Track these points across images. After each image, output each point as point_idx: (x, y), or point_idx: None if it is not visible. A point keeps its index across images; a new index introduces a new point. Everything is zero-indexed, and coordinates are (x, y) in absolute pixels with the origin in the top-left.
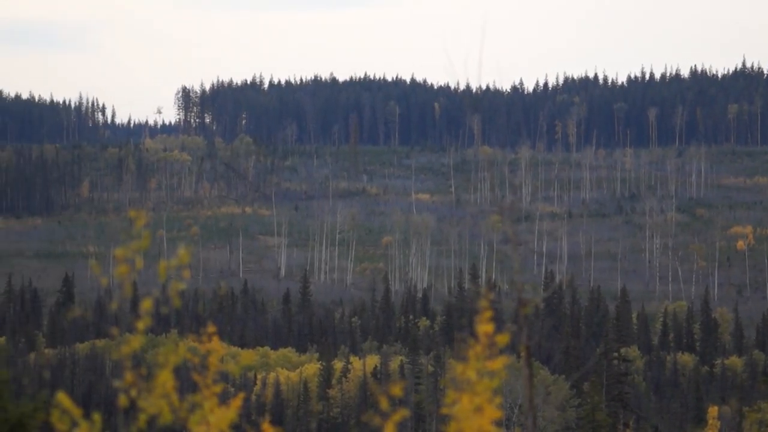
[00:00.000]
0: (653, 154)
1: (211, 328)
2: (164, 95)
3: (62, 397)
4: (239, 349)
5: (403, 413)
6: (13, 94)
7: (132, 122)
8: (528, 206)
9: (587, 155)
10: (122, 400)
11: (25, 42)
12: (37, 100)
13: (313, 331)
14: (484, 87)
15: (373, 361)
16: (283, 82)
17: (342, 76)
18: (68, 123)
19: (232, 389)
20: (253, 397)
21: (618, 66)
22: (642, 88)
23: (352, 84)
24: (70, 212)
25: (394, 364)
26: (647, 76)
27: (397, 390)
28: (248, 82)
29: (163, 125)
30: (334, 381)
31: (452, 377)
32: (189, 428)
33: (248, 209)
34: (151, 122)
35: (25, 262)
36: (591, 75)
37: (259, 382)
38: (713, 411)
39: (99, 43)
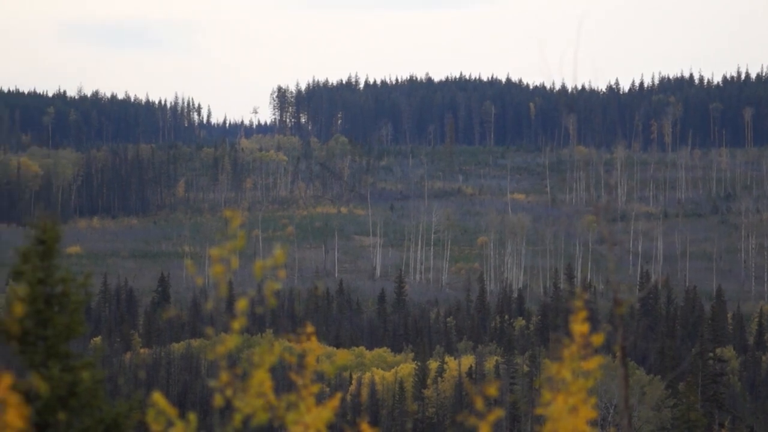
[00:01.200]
0: (749, 154)
1: (306, 328)
2: (260, 95)
3: (158, 397)
4: (335, 349)
5: (498, 413)
6: (109, 95)
7: (227, 122)
8: (623, 206)
9: (683, 155)
10: (218, 400)
11: (121, 43)
12: (133, 100)
13: (408, 331)
14: (579, 87)
15: (468, 361)
16: (378, 82)
17: (437, 76)
18: (164, 123)
19: (328, 389)
20: (349, 397)
21: (714, 66)
22: (737, 88)
23: (448, 84)
24: (165, 212)
25: (489, 364)
26: (743, 76)
27: (492, 390)
28: (344, 82)
29: (259, 125)
30: (429, 381)
31: (547, 377)
32: (286, 427)
33: (344, 209)
34: (246, 122)
35: (120, 262)
36: (687, 75)
37: (354, 382)
38: None
39: (195, 43)
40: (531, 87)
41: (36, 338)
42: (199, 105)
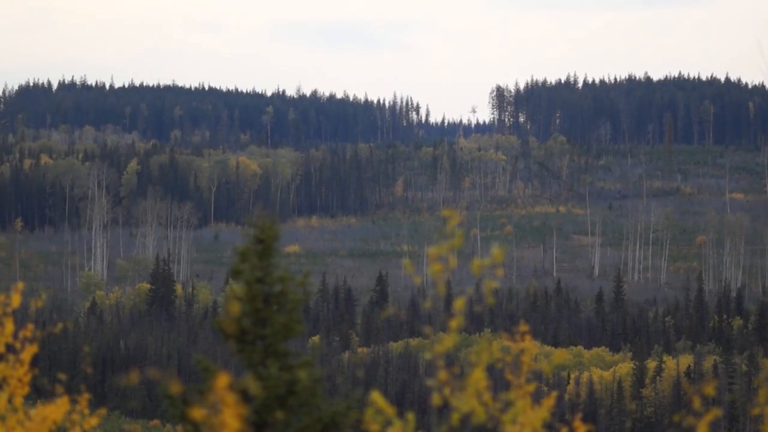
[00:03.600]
0: None
1: (523, 327)
2: (479, 94)
3: (376, 396)
4: (552, 348)
5: (716, 413)
6: (327, 94)
7: (446, 121)
8: None
9: None
10: (435, 399)
11: (339, 42)
12: (351, 99)
13: (627, 331)
14: None
15: (686, 360)
16: (597, 81)
17: (656, 75)
18: (382, 122)
19: (545, 388)
20: (566, 397)
21: None
22: None
23: (666, 83)
24: (384, 211)
25: (708, 363)
26: None
27: (710, 389)
28: (562, 81)
29: (477, 124)
30: (647, 380)
31: (766, 377)
32: (502, 427)
33: (562, 208)
34: (465, 121)
35: (339, 261)
36: None
37: (572, 382)
38: None
39: (413, 43)
40: (750, 86)
41: (254, 337)
42: (417, 104)
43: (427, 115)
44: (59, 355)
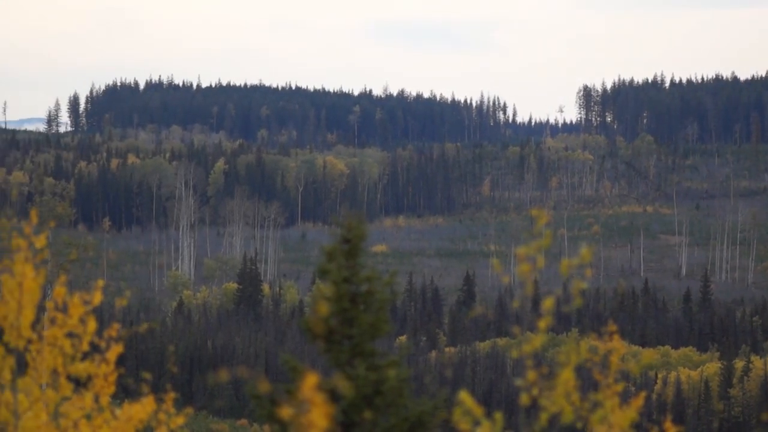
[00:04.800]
0: None
1: (611, 327)
2: (566, 94)
3: (464, 396)
4: (640, 348)
5: None
6: (414, 94)
7: (533, 121)
8: None
9: None
10: (524, 399)
11: (427, 41)
12: (438, 99)
13: (714, 330)
14: None
15: None
16: (684, 81)
17: (743, 75)
18: (469, 122)
19: (633, 388)
20: (654, 396)
21: None
22: None
23: (754, 83)
24: (471, 211)
25: None
26: None
27: None
28: (649, 81)
29: (564, 124)
30: (735, 380)
31: None
32: (590, 427)
33: (649, 208)
34: (552, 121)
35: (426, 261)
36: None
37: (659, 381)
38: None
39: (501, 42)
40: None
41: (341, 337)
42: (504, 104)
43: (514, 115)
44: (146, 354)
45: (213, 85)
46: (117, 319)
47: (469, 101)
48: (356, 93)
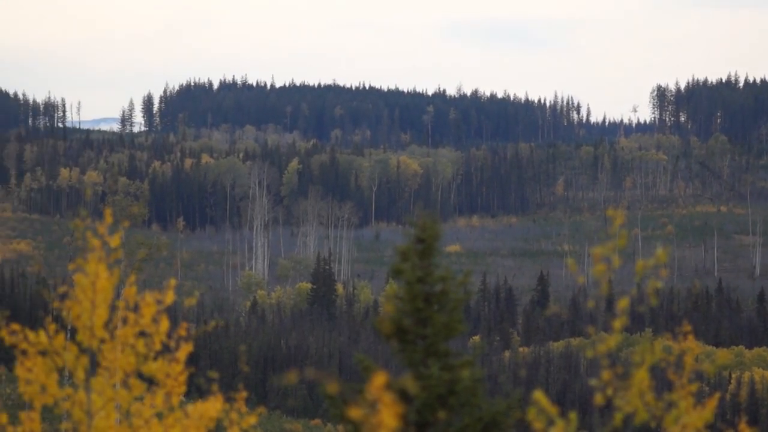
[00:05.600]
0: None
1: (685, 327)
2: (640, 94)
3: (539, 396)
4: (714, 348)
5: None
6: (488, 93)
7: (607, 121)
8: None
9: None
10: (598, 399)
11: (500, 41)
12: (512, 99)
13: None
14: None
15: None
16: (758, 80)
17: None
18: (543, 122)
19: (707, 389)
20: (728, 397)
21: None
22: None
23: None
24: (544, 211)
25: None
26: None
27: None
28: (723, 81)
29: (638, 124)
30: None
31: None
32: (664, 427)
33: (723, 208)
34: (626, 121)
35: (500, 261)
36: None
37: (733, 382)
38: None
39: (575, 42)
40: None
41: (415, 337)
42: (578, 103)
43: (588, 115)
44: (220, 354)
45: (287, 85)
46: (191, 319)
47: (542, 101)
48: (430, 93)
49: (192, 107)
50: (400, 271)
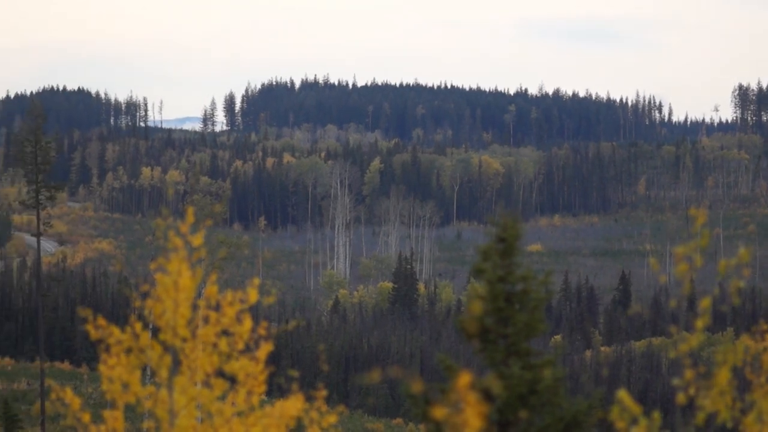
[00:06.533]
0: None
1: (763, 326)
2: (721, 93)
3: (623, 395)
4: None
5: None
6: (570, 93)
7: (688, 120)
8: None
9: None
10: (680, 398)
11: (582, 40)
12: (594, 98)
13: None
14: None
15: None
16: None
17: None
18: (625, 121)
19: None
20: None
21: None
22: None
23: None
24: (626, 210)
25: None
26: None
27: None
28: None
29: (720, 123)
30: None
31: None
32: (743, 427)
33: None
34: (707, 120)
35: (581, 260)
36: None
37: None
38: None
39: (657, 41)
40: None
41: (496, 336)
42: (659, 103)
43: (670, 114)
44: (302, 353)
45: (368, 84)
46: (272, 318)
47: (624, 100)
48: (512, 92)
49: (273, 106)
50: (482, 270)
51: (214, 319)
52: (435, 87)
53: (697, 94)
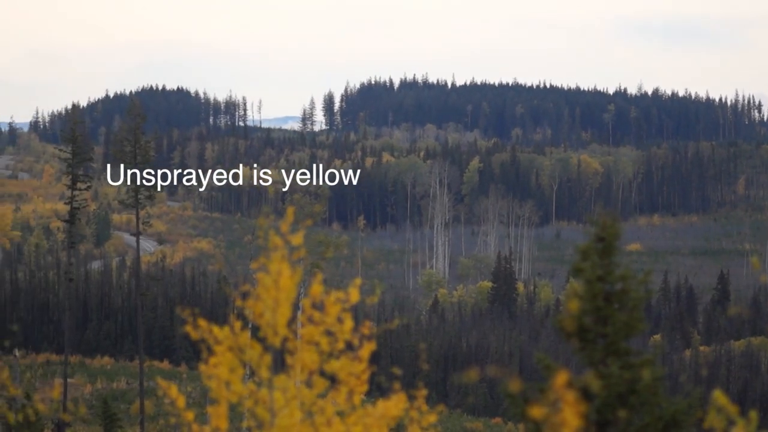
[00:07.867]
0: None
1: None
2: None
3: (718, 395)
4: None
5: None
6: (669, 92)
7: None
8: None
9: None
10: None
11: (682, 39)
12: (693, 97)
13: None
14: None
15: None
16: None
17: None
18: (724, 120)
19: None
20: None
21: None
22: None
23: None
24: (725, 210)
25: None
26: None
27: None
28: None
29: None
30: None
31: None
32: None
33: None
34: None
35: (680, 260)
36: None
37: None
38: None
39: (758, 40)
40: None
41: (595, 336)
42: (759, 102)
43: None
44: (401, 352)
45: (467, 84)
46: (372, 317)
47: (724, 99)
48: (611, 91)
49: (372, 106)
50: (581, 269)
51: (318, 319)
52: (534, 86)
53: None
